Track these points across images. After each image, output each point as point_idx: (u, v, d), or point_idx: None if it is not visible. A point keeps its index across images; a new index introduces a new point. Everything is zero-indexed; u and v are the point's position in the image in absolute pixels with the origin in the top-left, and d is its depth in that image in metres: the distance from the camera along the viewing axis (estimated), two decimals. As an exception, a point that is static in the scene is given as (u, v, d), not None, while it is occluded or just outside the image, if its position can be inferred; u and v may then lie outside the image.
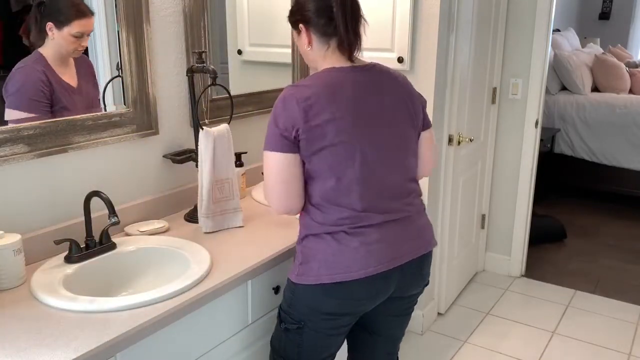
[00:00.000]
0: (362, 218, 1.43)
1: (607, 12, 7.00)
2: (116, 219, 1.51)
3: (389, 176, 1.48)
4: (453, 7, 2.43)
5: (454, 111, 2.60)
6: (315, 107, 1.37)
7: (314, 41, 1.47)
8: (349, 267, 1.42)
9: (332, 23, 1.43)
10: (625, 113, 4.42)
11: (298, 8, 1.48)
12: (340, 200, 1.42)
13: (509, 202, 3.31)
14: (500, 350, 2.62)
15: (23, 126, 1.52)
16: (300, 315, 1.51)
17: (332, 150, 1.39)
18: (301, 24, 1.47)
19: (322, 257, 1.44)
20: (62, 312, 1.29)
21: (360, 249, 1.43)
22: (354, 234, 1.43)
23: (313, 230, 1.46)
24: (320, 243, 1.45)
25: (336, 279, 1.42)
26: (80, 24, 1.67)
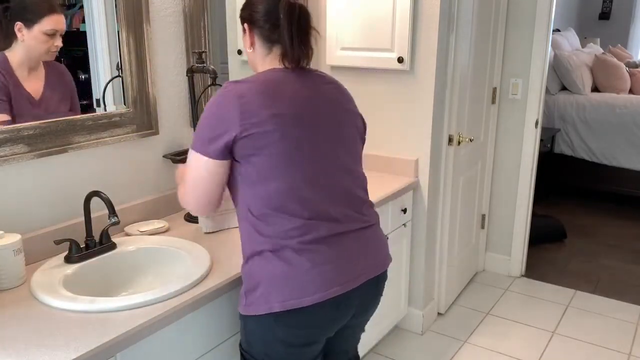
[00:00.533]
0: (312, 227, 1.30)
1: (607, 12, 7.00)
2: (116, 219, 1.51)
3: (339, 179, 1.38)
4: (453, 7, 2.43)
5: (454, 111, 2.60)
6: (254, 105, 1.27)
7: (256, 44, 1.40)
8: (302, 291, 1.28)
9: (277, 31, 1.36)
10: (625, 113, 4.42)
11: (247, 5, 1.41)
12: (287, 206, 1.29)
13: (509, 202, 3.31)
14: (500, 351, 2.62)
15: (23, 126, 1.52)
16: (261, 355, 1.37)
17: (275, 148, 1.28)
18: (246, 24, 1.41)
19: (270, 280, 1.29)
20: (62, 312, 1.29)
21: (313, 269, 1.29)
22: (304, 251, 1.29)
23: (258, 246, 1.32)
24: (267, 264, 1.30)
25: (287, 306, 1.27)
26: (52, 20, 1.58)
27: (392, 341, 2.68)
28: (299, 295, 1.28)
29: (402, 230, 2.50)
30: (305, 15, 1.37)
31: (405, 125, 2.53)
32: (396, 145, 2.58)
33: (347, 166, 1.41)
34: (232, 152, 1.30)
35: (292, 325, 1.32)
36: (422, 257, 2.65)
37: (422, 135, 2.50)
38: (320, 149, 1.35)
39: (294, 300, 1.28)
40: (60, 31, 1.60)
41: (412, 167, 2.52)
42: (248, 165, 1.30)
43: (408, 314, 2.74)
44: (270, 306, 1.28)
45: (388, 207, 2.32)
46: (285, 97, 1.32)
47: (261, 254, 1.31)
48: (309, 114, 1.34)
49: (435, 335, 2.75)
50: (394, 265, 2.49)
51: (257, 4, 1.37)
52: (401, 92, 2.51)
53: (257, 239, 1.32)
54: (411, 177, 2.52)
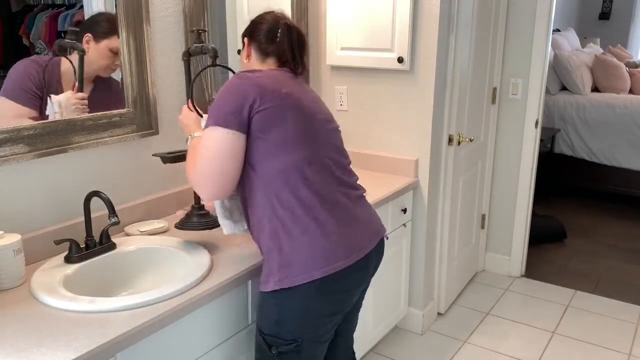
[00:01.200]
0: (330, 197, 1.42)
1: (607, 12, 7.00)
2: (116, 219, 1.51)
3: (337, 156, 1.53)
4: (453, 7, 2.43)
5: (454, 111, 2.60)
6: (268, 84, 1.40)
7: (252, 55, 1.57)
8: (337, 256, 1.38)
9: (273, 44, 1.53)
10: (625, 113, 4.42)
11: (251, 24, 1.58)
12: (306, 177, 1.39)
13: (509, 202, 3.31)
14: (500, 351, 2.62)
15: (23, 126, 1.52)
16: (294, 330, 1.41)
17: (292, 120, 1.39)
18: (246, 38, 1.58)
19: (305, 252, 1.37)
20: (62, 312, 1.29)
21: (340, 235, 1.40)
22: (328, 220, 1.40)
23: (283, 224, 1.39)
24: (297, 238, 1.38)
25: (328, 271, 1.37)
26: (117, 40, 1.68)
27: (392, 341, 2.69)
28: (335, 260, 1.38)
29: (402, 230, 2.50)
30: (302, 36, 1.57)
31: (405, 125, 2.53)
32: (396, 145, 2.58)
33: (340, 145, 1.57)
34: (250, 128, 1.37)
35: (331, 291, 1.40)
36: (422, 257, 2.65)
37: (422, 135, 2.50)
38: (324, 127, 1.50)
39: (331, 265, 1.37)
40: (119, 51, 1.70)
41: (412, 167, 2.52)
42: (268, 137, 1.37)
43: (408, 314, 2.74)
44: (311, 274, 1.36)
45: (388, 207, 2.32)
46: (288, 86, 1.45)
47: (289, 230, 1.38)
48: (307, 101, 1.48)
49: (435, 335, 2.75)
50: (394, 265, 2.49)
51: (258, 24, 1.56)
52: (401, 92, 2.51)
53: (281, 216, 1.38)
54: (411, 177, 2.52)
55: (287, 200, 1.38)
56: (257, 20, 1.57)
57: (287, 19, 1.58)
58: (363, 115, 2.64)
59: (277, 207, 1.39)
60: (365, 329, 2.34)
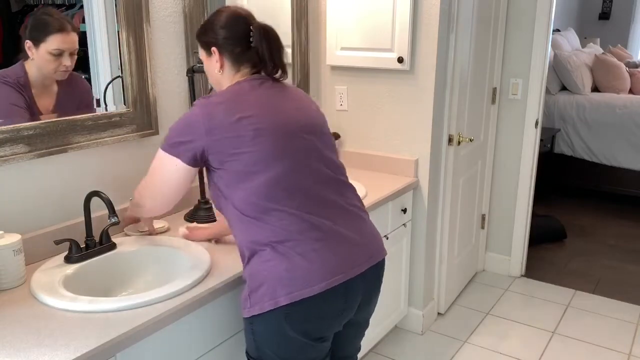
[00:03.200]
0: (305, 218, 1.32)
1: (607, 12, 7.00)
2: (116, 219, 1.51)
3: (321, 167, 1.41)
4: (453, 7, 2.43)
5: (454, 111, 2.60)
6: (218, 115, 1.33)
7: (225, 66, 1.45)
8: (307, 282, 1.28)
9: (249, 52, 1.42)
10: (625, 113, 4.42)
11: (211, 30, 1.44)
12: (277, 199, 1.31)
13: (509, 202, 3.31)
14: (500, 351, 2.62)
15: (23, 126, 1.52)
16: (274, 356, 1.35)
17: (252, 146, 1.31)
18: (214, 48, 1.44)
19: (273, 276, 1.29)
20: (62, 312, 1.29)
21: (315, 260, 1.30)
22: (302, 242, 1.30)
23: (255, 246, 1.33)
24: (267, 261, 1.30)
25: (295, 297, 1.27)
26: (58, 39, 1.55)
27: (392, 341, 2.69)
28: (304, 285, 1.28)
29: (402, 230, 2.50)
30: (276, 36, 1.45)
31: (405, 125, 2.53)
32: (396, 145, 2.58)
33: (326, 156, 1.44)
34: (208, 161, 1.36)
35: (301, 318, 1.31)
36: (422, 257, 2.65)
37: (422, 135, 2.50)
38: (300, 139, 1.38)
39: (299, 291, 1.28)
40: (69, 50, 1.59)
41: (412, 167, 2.52)
42: (229, 168, 1.33)
43: (408, 314, 2.74)
44: (277, 301, 1.28)
45: (388, 207, 2.32)
46: (250, 102, 1.37)
47: (260, 253, 1.32)
48: (279, 111, 1.39)
49: (435, 335, 2.75)
50: (394, 265, 2.49)
51: (223, 29, 1.42)
52: (401, 92, 2.51)
53: (254, 239, 1.34)
54: (411, 177, 2.52)
55: (257, 226, 1.32)
56: (221, 24, 1.42)
57: (254, 18, 1.45)
58: (363, 115, 2.64)
59: (249, 232, 1.34)
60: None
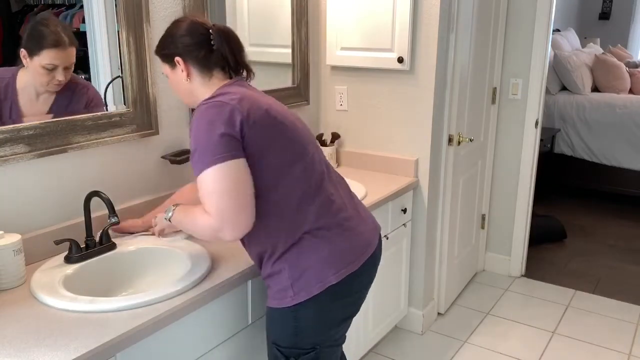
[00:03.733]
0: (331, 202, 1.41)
1: (607, 12, 7.00)
2: (116, 219, 1.52)
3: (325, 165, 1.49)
4: (453, 7, 2.43)
5: (454, 111, 2.60)
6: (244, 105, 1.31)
7: (192, 73, 1.43)
8: (349, 257, 1.39)
9: (214, 54, 1.41)
10: (625, 113, 4.42)
11: (171, 41, 1.43)
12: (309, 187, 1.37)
13: (509, 202, 3.31)
14: (500, 351, 2.62)
15: (23, 126, 1.52)
16: (313, 338, 1.41)
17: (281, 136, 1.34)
18: (177, 57, 1.42)
19: (318, 260, 1.36)
20: (62, 312, 1.29)
21: (349, 236, 1.40)
22: (335, 224, 1.39)
23: (291, 238, 1.36)
24: (307, 249, 1.36)
25: (342, 274, 1.37)
26: (52, 54, 1.52)
27: (392, 341, 2.69)
28: (348, 262, 1.38)
29: (402, 230, 2.50)
30: (236, 36, 1.45)
31: (405, 125, 2.53)
32: (396, 145, 2.58)
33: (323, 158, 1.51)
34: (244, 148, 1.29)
35: (346, 293, 1.40)
36: (422, 257, 2.65)
37: (422, 135, 2.50)
38: (305, 140, 1.43)
39: (346, 267, 1.37)
40: (63, 65, 1.56)
41: (412, 167, 2.52)
42: (263, 158, 1.31)
43: (408, 314, 2.74)
44: (324, 282, 1.35)
45: (388, 207, 2.32)
46: (259, 100, 1.37)
47: (299, 243, 1.36)
48: (282, 113, 1.41)
49: (435, 335, 2.75)
50: (394, 265, 2.49)
51: (182, 37, 1.40)
52: (401, 92, 2.51)
53: (289, 231, 1.36)
54: (411, 177, 2.52)
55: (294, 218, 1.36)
56: (181, 33, 1.41)
57: (209, 22, 1.45)
58: (363, 115, 2.64)
59: (284, 226, 1.35)
60: (365, 329, 2.34)
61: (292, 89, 2.53)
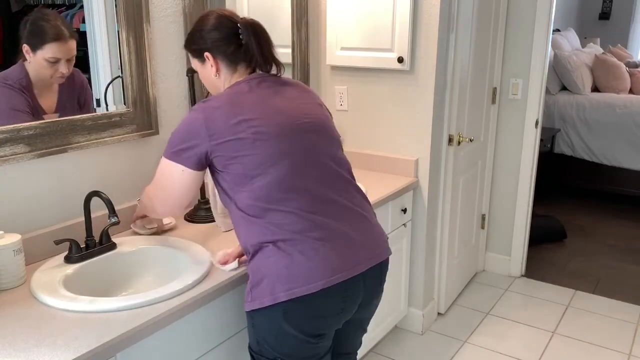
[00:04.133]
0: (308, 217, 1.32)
1: (607, 12, 6.99)
2: (116, 219, 1.51)
3: (325, 165, 1.41)
4: (453, 7, 2.43)
5: (454, 111, 2.60)
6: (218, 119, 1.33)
7: (221, 69, 1.46)
8: (307, 279, 1.28)
9: (241, 49, 1.43)
10: (625, 113, 4.42)
11: (200, 36, 1.45)
12: (279, 199, 1.32)
13: (509, 202, 3.31)
14: (500, 351, 2.62)
15: (23, 126, 1.52)
16: (273, 351, 1.36)
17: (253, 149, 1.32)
18: (207, 53, 1.45)
19: (274, 272, 1.29)
20: (62, 312, 1.29)
21: (316, 257, 1.30)
22: (304, 240, 1.31)
23: (258, 242, 1.34)
24: (269, 257, 1.31)
25: (294, 294, 1.27)
26: (54, 48, 1.57)
27: (392, 341, 2.69)
28: (304, 282, 1.28)
29: (402, 230, 2.50)
30: (264, 30, 1.46)
31: (405, 125, 2.53)
32: (396, 145, 2.58)
33: (330, 152, 1.44)
34: (212, 164, 1.37)
35: (299, 315, 1.31)
36: (422, 257, 2.65)
37: (422, 135, 2.50)
38: (301, 139, 1.38)
39: (299, 288, 1.28)
40: (65, 57, 1.61)
41: (412, 167, 2.52)
42: (231, 171, 1.34)
43: (408, 314, 2.74)
44: (276, 296, 1.28)
45: (388, 207, 2.32)
46: (249, 103, 1.37)
47: (263, 249, 1.33)
48: (278, 112, 1.38)
49: (435, 335, 2.75)
50: (394, 265, 2.49)
51: (210, 32, 1.43)
52: (401, 92, 2.51)
53: (257, 235, 1.34)
54: (411, 177, 2.52)
55: (260, 226, 1.33)
56: (209, 28, 1.43)
57: (237, 15, 1.46)
58: (363, 115, 2.64)
59: (253, 231, 1.35)
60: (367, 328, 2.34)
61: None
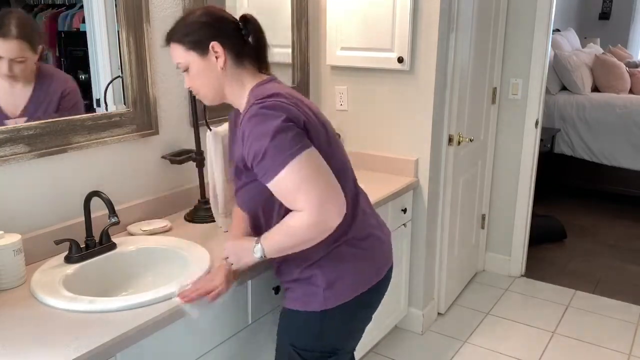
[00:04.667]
0: (362, 212, 1.42)
1: (607, 12, 6.99)
2: (116, 219, 1.51)
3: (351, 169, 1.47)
4: (453, 6, 2.43)
5: (454, 111, 2.60)
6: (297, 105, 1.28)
7: (227, 63, 1.30)
8: (378, 267, 1.44)
9: (246, 45, 1.33)
10: (625, 113, 4.42)
11: (200, 26, 1.28)
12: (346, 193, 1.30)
13: (509, 202, 3.31)
14: (500, 351, 2.62)
15: (23, 126, 1.52)
16: (335, 343, 1.44)
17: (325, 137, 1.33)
18: (214, 42, 1.27)
19: (351, 268, 1.38)
20: (62, 312, 1.29)
21: (378, 246, 1.45)
22: (368, 235, 1.42)
23: (329, 246, 1.33)
24: (342, 257, 1.36)
25: (372, 282, 1.42)
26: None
27: (392, 341, 2.68)
28: (376, 270, 1.43)
29: (402, 230, 2.50)
30: (262, 29, 1.38)
31: (405, 125, 2.53)
32: (396, 145, 2.58)
33: None
34: None
35: (372, 301, 1.46)
36: (422, 257, 2.65)
37: (422, 135, 2.50)
38: (343, 149, 1.45)
39: (376, 277, 1.43)
40: (9, 57, 1.46)
41: (412, 167, 2.52)
42: None
43: (408, 314, 2.74)
44: (356, 290, 1.37)
45: (388, 207, 2.32)
46: (308, 104, 1.37)
47: (334, 250, 1.35)
48: (324, 119, 1.41)
49: (435, 335, 2.75)
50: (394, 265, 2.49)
51: (215, 22, 1.29)
52: (401, 92, 2.51)
53: (328, 238, 1.27)
54: (411, 177, 2.52)
55: None
56: (211, 19, 1.29)
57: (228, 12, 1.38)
58: (363, 115, 2.64)
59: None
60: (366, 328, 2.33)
61: (293, 89, 2.52)
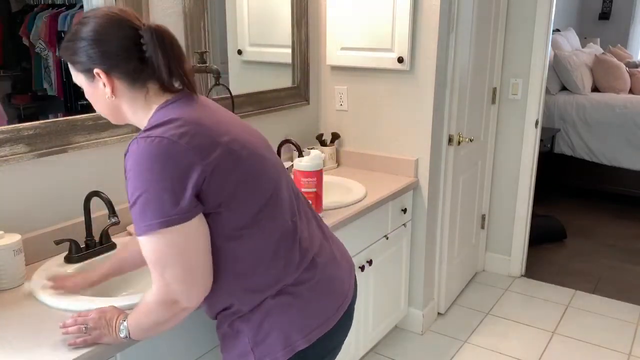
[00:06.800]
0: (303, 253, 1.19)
1: (607, 12, 7.00)
2: (116, 219, 1.51)
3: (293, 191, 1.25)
4: (453, 6, 2.43)
5: (454, 111, 2.60)
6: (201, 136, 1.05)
7: (119, 88, 1.10)
8: (322, 315, 1.18)
9: (147, 66, 1.09)
10: (625, 113, 4.42)
11: (85, 46, 1.07)
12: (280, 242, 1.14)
13: (509, 202, 3.31)
14: (500, 350, 2.62)
15: (23, 126, 1.52)
16: None
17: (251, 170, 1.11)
18: (97, 69, 1.08)
19: (285, 321, 1.14)
20: (62, 312, 1.29)
21: (322, 292, 1.20)
22: (306, 279, 1.17)
23: (256, 299, 1.14)
24: (274, 309, 1.14)
25: (313, 337, 1.16)
26: None
27: (392, 341, 2.69)
28: (321, 322, 1.18)
29: (402, 230, 2.50)
30: (174, 40, 1.12)
31: (405, 125, 2.53)
32: (396, 145, 2.58)
33: (292, 187, 1.28)
34: (202, 202, 1.05)
35: (318, 355, 1.20)
36: (422, 257, 2.65)
37: (422, 135, 2.50)
38: (276, 172, 1.19)
39: (317, 329, 1.17)
40: None
41: (412, 167, 2.52)
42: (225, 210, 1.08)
43: (408, 314, 2.74)
44: (293, 347, 1.14)
45: (388, 207, 2.32)
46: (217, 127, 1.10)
47: (262, 303, 1.15)
48: (250, 142, 1.16)
49: (435, 335, 2.75)
50: (394, 265, 2.49)
51: (102, 42, 1.07)
52: (401, 92, 2.51)
53: (255, 288, 1.14)
54: (411, 177, 2.52)
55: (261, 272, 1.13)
56: (99, 36, 1.06)
57: (139, 17, 1.12)
58: (363, 115, 2.64)
59: (247, 282, 1.13)
60: (365, 329, 2.34)
61: (292, 89, 2.53)
